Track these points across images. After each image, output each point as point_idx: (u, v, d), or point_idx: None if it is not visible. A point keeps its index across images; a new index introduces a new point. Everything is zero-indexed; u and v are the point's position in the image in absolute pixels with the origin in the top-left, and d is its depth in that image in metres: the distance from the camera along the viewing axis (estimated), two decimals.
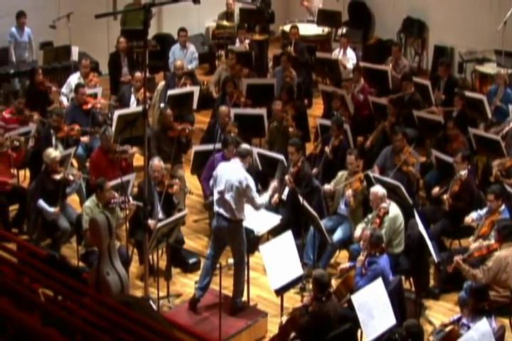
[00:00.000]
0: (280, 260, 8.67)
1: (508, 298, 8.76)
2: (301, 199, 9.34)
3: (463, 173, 9.94)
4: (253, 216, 9.13)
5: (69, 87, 12.96)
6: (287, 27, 15.72)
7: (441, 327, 8.14)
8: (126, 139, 11.17)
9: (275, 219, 9.60)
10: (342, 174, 10.19)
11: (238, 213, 8.75)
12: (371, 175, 10.14)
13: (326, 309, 7.85)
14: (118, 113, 11.20)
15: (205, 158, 10.82)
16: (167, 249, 9.51)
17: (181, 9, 14.62)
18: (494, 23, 13.98)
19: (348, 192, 9.83)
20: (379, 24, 16.74)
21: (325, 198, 10.27)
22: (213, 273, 8.93)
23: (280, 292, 8.70)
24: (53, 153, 10.20)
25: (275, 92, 13.02)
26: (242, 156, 8.89)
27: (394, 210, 9.35)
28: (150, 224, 9.19)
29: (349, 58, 14.51)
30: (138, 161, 11.46)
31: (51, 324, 6.65)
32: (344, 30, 16.28)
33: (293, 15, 17.73)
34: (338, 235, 9.86)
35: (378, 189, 9.39)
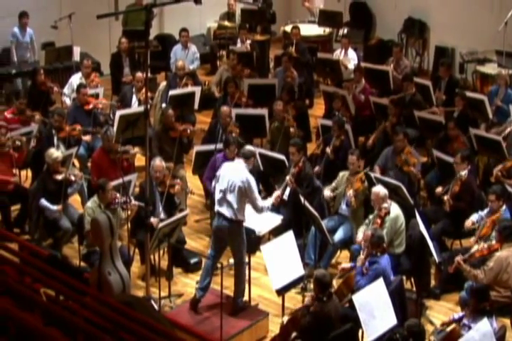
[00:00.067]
0: (281, 260, 8.66)
1: (509, 298, 8.76)
2: (302, 199, 9.34)
3: (463, 173, 9.94)
4: (254, 216, 9.11)
5: (71, 88, 12.94)
6: (288, 27, 15.72)
7: (441, 326, 8.14)
8: (127, 139, 11.14)
9: (276, 219, 9.59)
10: (343, 174, 10.18)
11: (239, 213, 8.75)
12: (372, 176, 10.14)
13: (327, 309, 7.86)
14: (120, 113, 11.19)
15: (206, 159, 10.82)
16: (168, 249, 9.51)
17: (183, 9, 14.61)
18: (495, 24, 13.98)
19: (350, 192, 9.83)
20: (380, 24, 16.74)
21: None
22: (214, 273, 8.93)
23: (281, 292, 8.68)
24: (55, 154, 10.20)
25: (276, 93, 13.01)
26: (246, 157, 8.87)
27: (395, 210, 9.35)
28: (153, 222, 9.20)
29: (350, 59, 14.50)
30: (139, 161, 11.44)
31: (53, 324, 6.64)
32: (345, 30, 16.29)
33: (294, 15, 17.73)
34: (340, 235, 9.86)
35: (380, 189, 9.39)
